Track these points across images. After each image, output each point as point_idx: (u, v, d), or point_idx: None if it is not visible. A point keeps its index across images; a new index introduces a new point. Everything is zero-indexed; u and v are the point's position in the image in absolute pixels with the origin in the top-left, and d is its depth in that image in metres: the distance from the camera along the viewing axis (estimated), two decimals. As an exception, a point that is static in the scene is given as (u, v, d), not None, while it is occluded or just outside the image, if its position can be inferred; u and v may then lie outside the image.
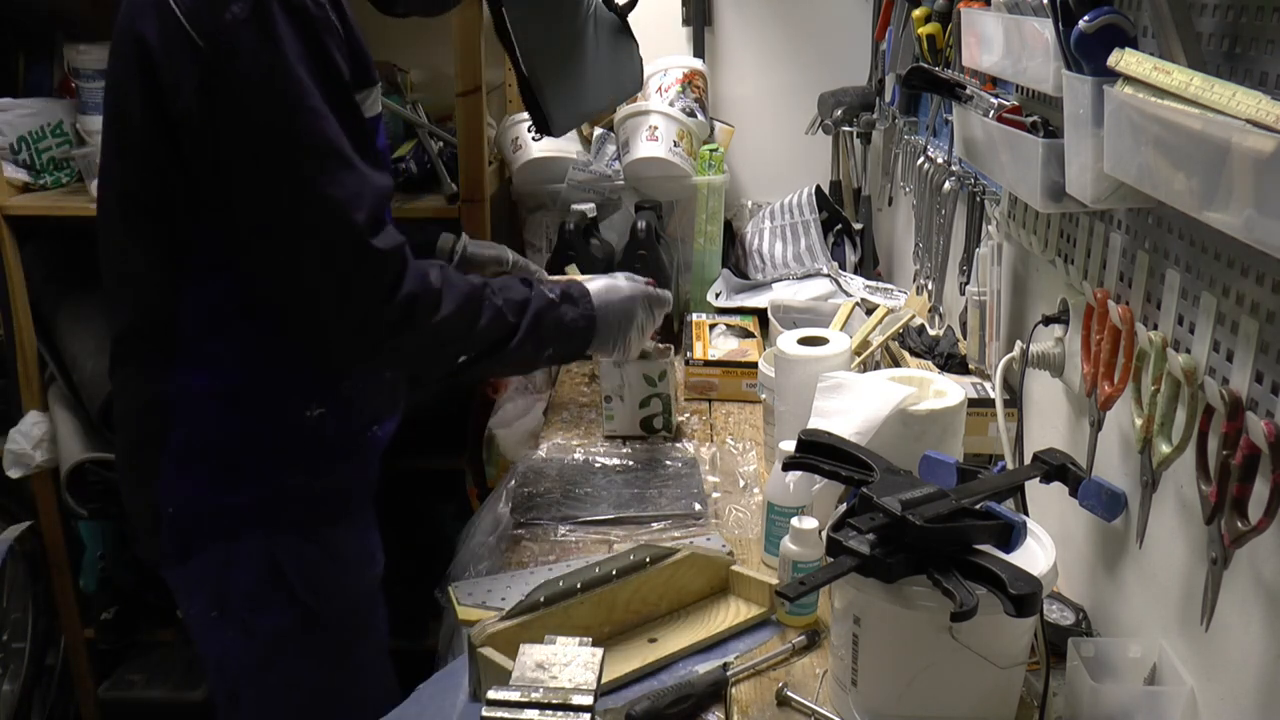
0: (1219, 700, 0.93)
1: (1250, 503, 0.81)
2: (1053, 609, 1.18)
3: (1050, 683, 1.03)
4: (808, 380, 1.40)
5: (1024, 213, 1.36)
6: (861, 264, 2.37)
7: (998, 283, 1.48)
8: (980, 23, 1.27)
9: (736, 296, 2.21)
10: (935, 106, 1.76)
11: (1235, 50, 0.83)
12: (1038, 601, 0.89)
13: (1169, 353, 0.92)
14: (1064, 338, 1.26)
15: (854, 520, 0.96)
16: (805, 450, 1.14)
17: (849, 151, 2.49)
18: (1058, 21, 0.91)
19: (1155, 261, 0.99)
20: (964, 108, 1.34)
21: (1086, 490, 1.12)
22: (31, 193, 2.13)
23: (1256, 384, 0.81)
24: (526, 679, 1.02)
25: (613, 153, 2.29)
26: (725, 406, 1.89)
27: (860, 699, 1.04)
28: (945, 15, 1.63)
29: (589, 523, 1.47)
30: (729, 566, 1.29)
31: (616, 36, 1.84)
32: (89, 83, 2.05)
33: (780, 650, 1.17)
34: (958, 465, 1.12)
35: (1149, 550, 1.05)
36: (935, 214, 1.76)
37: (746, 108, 2.56)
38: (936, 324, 1.83)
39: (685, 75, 2.31)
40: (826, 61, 2.48)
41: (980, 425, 1.42)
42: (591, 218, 2.15)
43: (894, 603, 0.96)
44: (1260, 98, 0.66)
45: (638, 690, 1.14)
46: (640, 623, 1.23)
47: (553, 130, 1.62)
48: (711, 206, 2.27)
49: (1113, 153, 0.87)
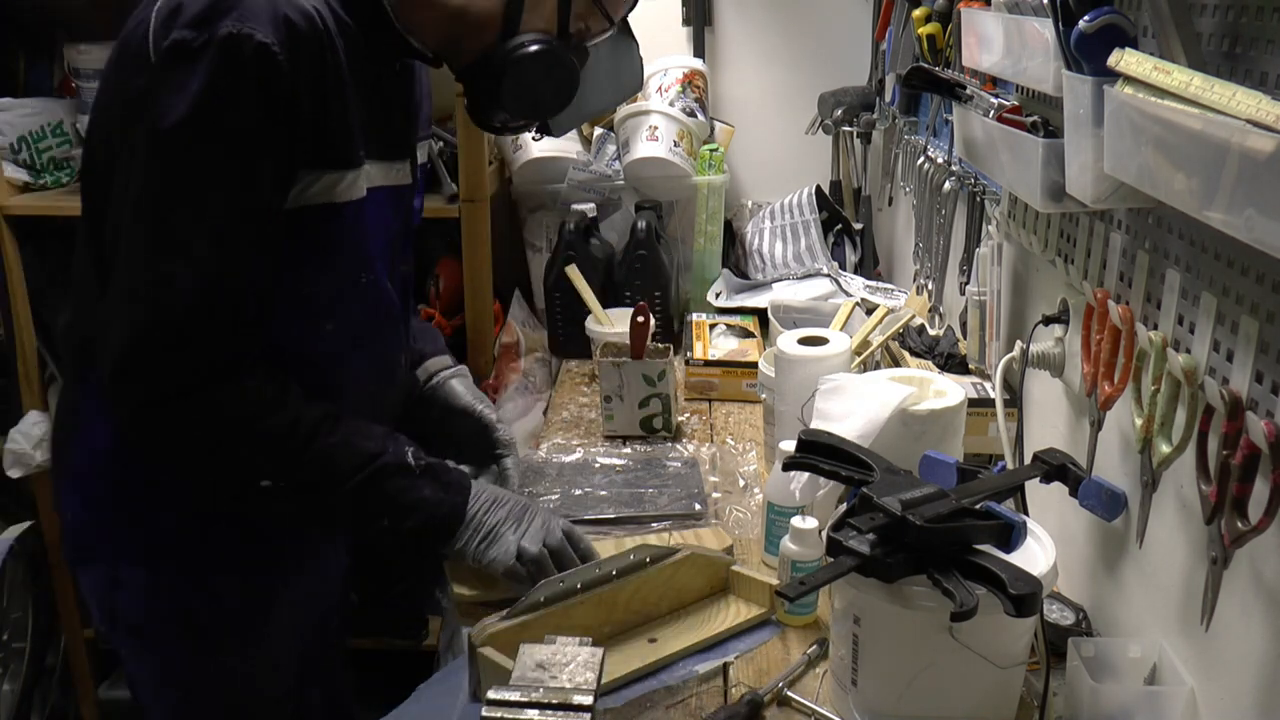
0: (1219, 700, 0.93)
1: (1250, 503, 0.81)
2: (1053, 609, 1.18)
3: (1050, 683, 1.03)
4: (808, 380, 1.40)
5: (1024, 213, 1.36)
6: (861, 264, 2.37)
7: (998, 283, 1.48)
8: (980, 23, 1.27)
9: (736, 296, 2.21)
10: (935, 106, 1.76)
11: (1235, 50, 0.83)
12: (1038, 601, 0.89)
13: (1169, 353, 0.92)
14: (1064, 338, 1.26)
15: (854, 520, 0.96)
16: (805, 450, 1.14)
17: (849, 151, 2.49)
18: (1058, 21, 0.91)
19: (1155, 261, 0.99)
20: (964, 108, 1.34)
21: (1086, 490, 1.12)
22: (31, 193, 2.13)
23: (1256, 384, 0.81)
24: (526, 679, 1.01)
25: (613, 153, 2.29)
26: (725, 406, 1.89)
27: (860, 699, 1.04)
28: (945, 15, 1.63)
29: (589, 522, 1.47)
30: (729, 566, 1.29)
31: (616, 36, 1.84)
32: (89, 83, 2.05)
33: (796, 664, 1.16)
34: (958, 465, 1.12)
35: (1149, 550, 1.05)
36: (935, 214, 1.76)
37: (746, 108, 2.56)
38: (936, 324, 1.83)
39: (685, 75, 2.31)
40: (826, 61, 2.48)
41: (980, 425, 1.42)
42: (591, 218, 2.15)
43: (894, 603, 0.96)
44: (1260, 98, 0.66)
45: (638, 690, 1.14)
46: (640, 623, 1.23)
47: (553, 130, 1.61)
48: (711, 206, 2.27)
49: (1113, 153, 0.87)
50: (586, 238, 2.14)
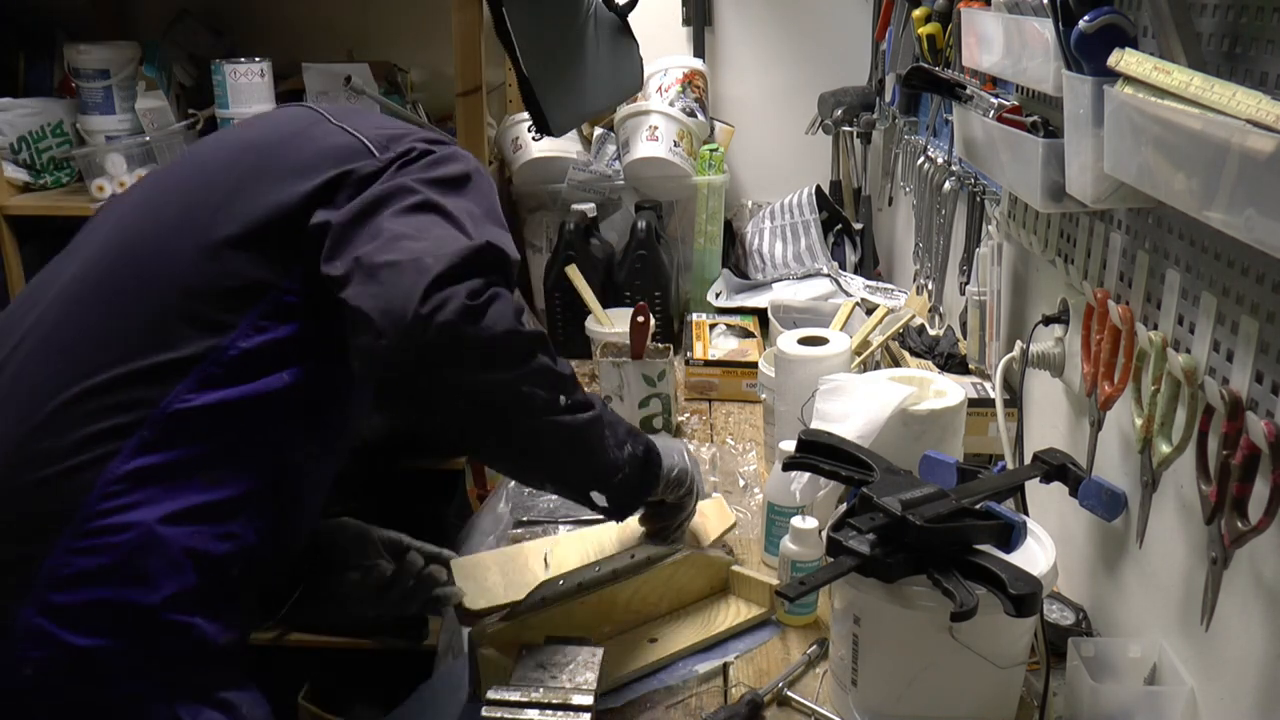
0: (1219, 700, 0.93)
1: (1250, 502, 0.81)
2: (1053, 609, 1.18)
3: (1050, 683, 1.03)
4: (808, 380, 1.40)
5: (1024, 213, 1.36)
6: (861, 264, 2.36)
7: (998, 283, 1.48)
8: (980, 23, 1.27)
9: (736, 296, 2.21)
10: (935, 106, 1.76)
11: (1235, 50, 0.83)
12: (1038, 601, 0.89)
13: (1169, 353, 0.92)
14: (1064, 338, 1.26)
15: (854, 520, 0.96)
16: (805, 450, 1.14)
17: (849, 151, 2.49)
18: (1058, 21, 0.91)
19: (1155, 261, 0.99)
20: (964, 108, 1.34)
21: (1086, 490, 1.12)
22: (31, 193, 2.13)
23: (1256, 384, 0.81)
24: (526, 679, 1.02)
25: (613, 153, 2.29)
26: (725, 406, 1.89)
27: (860, 699, 1.04)
28: (945, 15, 1.63)
29: (589, 522, 1.47)
30: (729, 566, 1.29)
31: (616, 36, 1.84)
32: (89, 83, 2.05)
33: (796, 664, 1.16)
34: (958, 465, 1.12)
35: (1149, 550, 1.05)
36: (935, 214, 1.76)
37: (746, 108, 2.56)
38: (936, 324, 1.83)
39: (685, 75, 2.31)
40: (826, 61, 2.48)
41: (980, 425, 1.42)
42: (591, 218, 2.15)
43: (894, 603, 0.96)
44: (1260, 98, 0.66)
45: (638, 690, 1.14)
46: (640, 623, 1.23)
47: (552, 130, 1.61)
48: (711, 206, 2.27)
49: (1113, 153, 0.87)
50: (586, 238, 2.14)
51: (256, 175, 1.03)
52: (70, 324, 0.98)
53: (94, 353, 0.96)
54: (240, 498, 0.98)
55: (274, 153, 1.05)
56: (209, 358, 0.96)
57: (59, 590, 0.90)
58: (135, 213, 1.08)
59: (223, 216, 1.00)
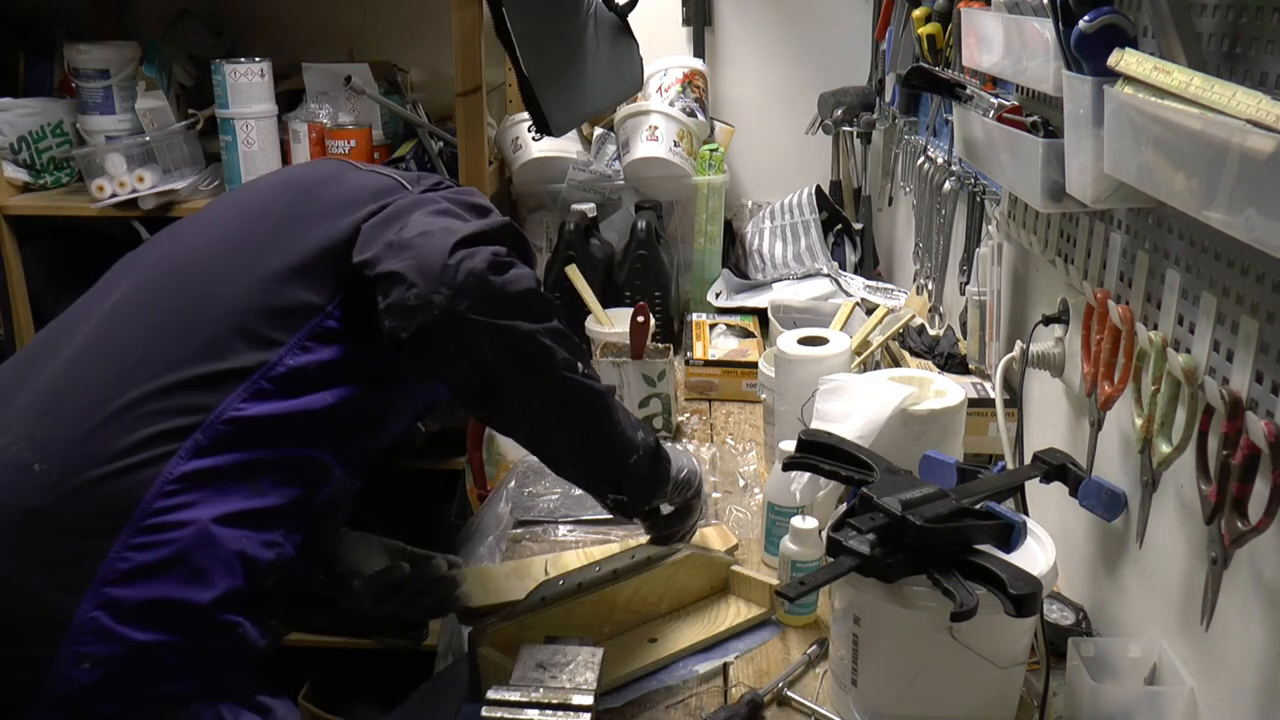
0: (1219, 700, 0.93)
1: (1250, 502, 0.81)
2: (1053, 609, 1.18)
3: (1050, 683, 1.03)
4: (808, 380, 1.40)
5: (1024, 213, 1.36)
6: (861, 264, 2.37)
7: (998, 283, 1.48)
8: (980, 23, 1.27)
9: (736, 296, 2.21)
10: (935, 106, 1.76)
11: (1235, 50, 0.83)
12: (1038, 601, 0.89)
13: (1169, 353, 0.92)
14: (1064, 338, 1.26)
15: (854, 520, 0.96)
16: (805, 450, 1.14)
17: (849, 151, 2.49)
18: (1058, 21, 0.91)
19: (1155, 261, 0.99)
20: (964, 108, 1.34)
21: (1086, 490, 1.12)
22: (31, 193, 2.13)
23: (1256, 384, 0.81)
24: (526, 679, 1.02)
25: (613, 153, 2.29)
26: (725, 406, 1.89)
27: (860, 699, 1.04)
28: (945, 15, 1.63)
29: (589, 522, 1.47)
30: (729, 566, 1.29)
31: (616, 36, 1.84)
32: (89, 83, 2.05)
33: (796, 664, 1.16)
34: (958, 465, 1.12)
35: (1149, 550, 1.05)
36: (935, 214, 1.76)
37: (746, 108, 2.56)
38: (936, 324, 1.83)
39: (685, 75, 2.31)
40: (826, 61, 2.48)
41: (980, 425, 1.42)
42: (591, 218, 2.15)
43: (894, 603, 0.96)
44: (1260, 98, 0.66)
45: (638, 690, 1.14)
46: (640, 623, 1.23)
47: (552, 130, 1.61)
48: (711, 206, 2.27)
49: (1113, 153, 0.87)
50: (586, 238, 2.14)
51: (296, 215, 1.09)
52: (124, 335, 1.03)
53: (150, 361, 1.00)
54: (281, 508, 1.01)
55: (313, 193, 1.12)
56: (259, 371, 1.00)
57: (117, 585, 0.92)
58: (179, 244, 1.14)
59: (270, 251, 1.06)
